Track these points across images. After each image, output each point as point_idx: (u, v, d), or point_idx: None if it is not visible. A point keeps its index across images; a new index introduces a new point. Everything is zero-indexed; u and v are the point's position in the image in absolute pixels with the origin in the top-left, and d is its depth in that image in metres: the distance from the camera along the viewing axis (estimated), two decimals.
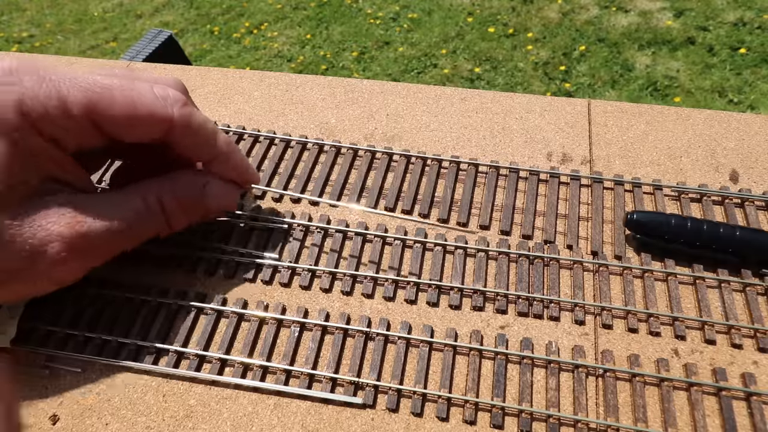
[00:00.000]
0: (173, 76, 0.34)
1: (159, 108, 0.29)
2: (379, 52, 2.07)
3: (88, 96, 0.27)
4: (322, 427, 0.31)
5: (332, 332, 0.35)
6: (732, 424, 0.30)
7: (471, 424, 0.31)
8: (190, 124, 0.31)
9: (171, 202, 0.33)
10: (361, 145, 0.45)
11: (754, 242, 0.35)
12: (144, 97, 0.29)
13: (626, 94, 1.71)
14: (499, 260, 0.37)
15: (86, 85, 0.28)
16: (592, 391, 0.32)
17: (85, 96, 0.27)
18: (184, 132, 0.31)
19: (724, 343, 0.34)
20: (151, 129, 0.30)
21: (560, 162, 0.44)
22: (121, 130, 0.29)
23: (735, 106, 1.61)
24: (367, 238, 0.39)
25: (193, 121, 0.31)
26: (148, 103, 0.29)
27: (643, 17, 1.97)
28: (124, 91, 0.29)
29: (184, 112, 0.30)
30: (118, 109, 0.28)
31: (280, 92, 0.51)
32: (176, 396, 0.33)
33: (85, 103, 0.27)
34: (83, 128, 0.28)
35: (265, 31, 2.31)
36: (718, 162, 0.43)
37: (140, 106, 0.29)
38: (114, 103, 0.28)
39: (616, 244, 0.38)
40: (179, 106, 0.30)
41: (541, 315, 0.35)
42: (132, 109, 0.29)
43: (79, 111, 0.27)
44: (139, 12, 2.60)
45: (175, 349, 0.34)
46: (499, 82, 1.85)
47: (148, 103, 0.29)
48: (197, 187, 0.34)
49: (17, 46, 2.47)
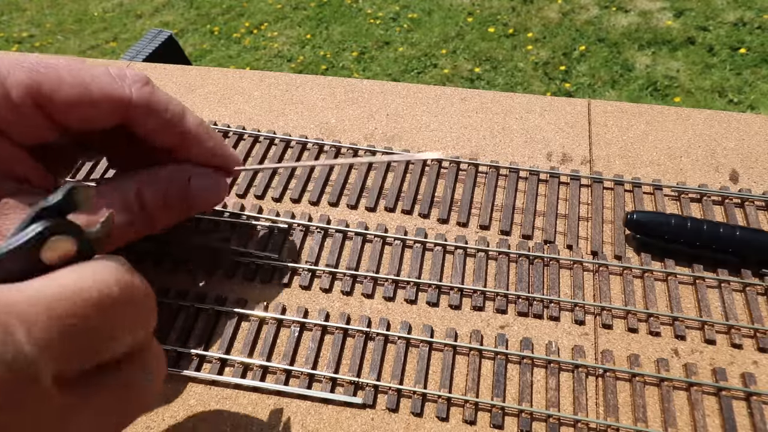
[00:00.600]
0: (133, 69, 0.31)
1: (115, 88, 0.26)
2: (379, 52, 2.07)
3: (31, 76, 0.24)
4: (322, 427, 0.32)
5: (332, 332, 0.35)
6: (732, 424, 0.30)
7: (471, 424, 0.31)
8: (150, 104, 0.28)
9: (152, 198, 0.30)
10: (361, 145, 0.45)
11: (754, 242, 0.35)
12: (97, 78, 0.26)
13: (626, 94, 1.71)
14: (499, 260, 0.37)
15: (29, 65, 0.24)
16: (592, 391, 0.32)
17: (28, 76, 0.24)
18: (145, 113, 0.28)
19: (724, 343, 0.34)
20: (107, 111, 0.27)
21: (560, 162, 0.44)
22: (72, 114, 0.26)
23: (735, 106, 1.61)
24: (367, 238, 0.39)
25: (153, 100, 0.28)
26: (101, 83, 0.26)
27: (643, 17, 1.97)
28: (73, 70, 0.25)
29: (144, 91, 0.28)
30: (67, 90, 0.25)
31: (280, 92, 0.51)
32: (176, 396, 0.33)
33: (28, 83, 0.24)
34: (28, 114, 0.25)
35: (265, 31, 2.31)
36: (718, 162, 0.43)
37: (93, 86, 0.26)
38: (62, 83, 0.25)
39: (616, 244, 0.38)
40: (139, 86, 0.28)
41: (541, 315, 0.35)
42: (83, 89, 0.25)
43: (20, 92, 0.24)
44: (139, 12, 2.60)
45: (174, 348, 0.34)
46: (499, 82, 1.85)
47: (102, 83, 0.26)
48: (181, 180, 0.31)
49: (17, 46, 2.47)
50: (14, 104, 0.24)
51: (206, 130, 0.32)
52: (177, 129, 0.30)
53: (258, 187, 0.43)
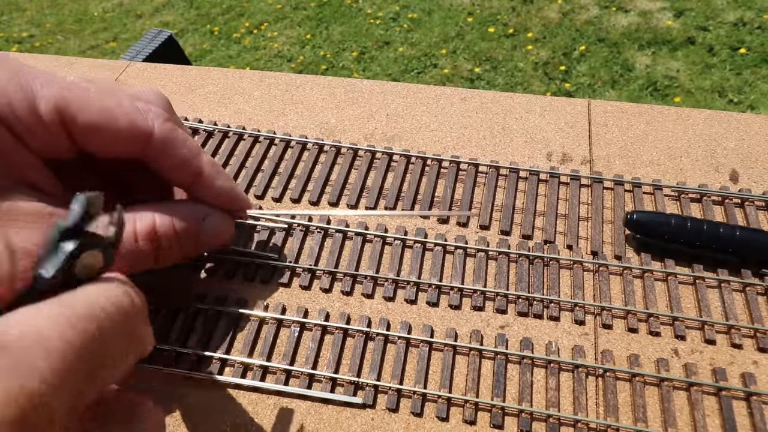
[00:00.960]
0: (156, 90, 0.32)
1: (138, 120, 0.27)
2: (379, 52, 2.07)
3: (62, 94, 0.25)
4: (322, 427, 0.32)
5: (332, 332, 0.35)
6: (732, 424, 0.30)
7: (471, 424, 0.31)
8: (170, 140, 0.28)
9: (165, 231, 0.29)
10: (361, 145, 0.45)
11: (754, 242, 0.36)
12: (123, 106, 0.27)
13: (626, 94, 1.71)
14: (499, 260, 0.37)
15: (62, 84, 0.25)
16: (592, 391, 0.32)
17: (59, 93, 0.25)
18: (164, 148, 0.28)
19: (724, 343, 0.34)
20: (127, 142, 0.27)
21: (560, 162, 0.44)
22: (94, 139, 0.27)
23: (735, 106, 1.61)
24: (367, 238, 0.39)
25: (174, 137, 0.29)
26: (126, 113, 0.27)
27: (643, 17, 1.97)
28: (102, 96, 0.26)
29: (165, 127, 0.28)
30: (93, 114, 0.26)
31: (280, 92, 0.51)
32: (176, 396, 0.33)
33: (57, 99, 0.25)
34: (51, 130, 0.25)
35: (265, 31, 2.31)
36: (718, 162, 0.43)
37: (118, 114, 0.26)
38: (90, 105, 0.26)
39: (616, 244, 0.38)
40: (161, 121, 0.28)
41: (541, 315, 0.35)
42: (108, 116, 0.26)
43: (49, 107, 0.25)
44: (139, 12, 2.60)
45: (174, 348, 0.34)
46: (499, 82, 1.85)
47: (127, 112, 0.27)
48: (196, 218, 0.31)
49: (17, 46, 2.47)
50: (40, 117, 0.25)
51: (219, 170, 0.32)
52: (192, 167, 0.30)
53: (258, 187, 0.43)
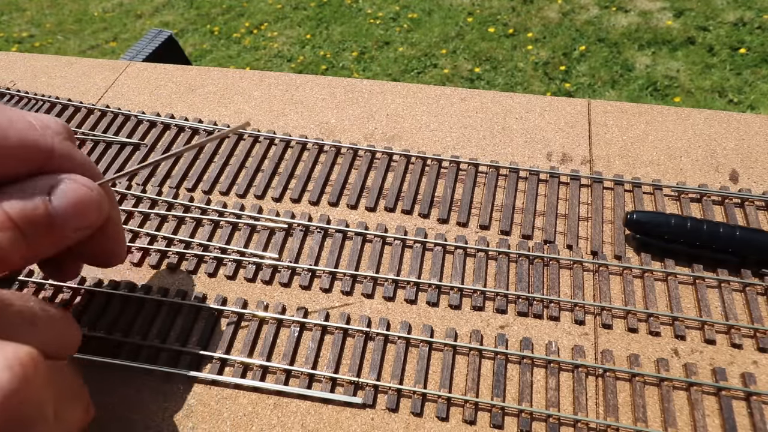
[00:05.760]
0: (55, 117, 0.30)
1: (36, 137, 0.25)
2: (379, 52, 2.07)
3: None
4: (322, 427, 0.31)
5: (332, 332, 0.35)
6: (732, 423, 0.30)
7: (471, 424, 0.31)
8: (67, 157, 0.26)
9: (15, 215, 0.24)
10: (361, 145, 0.45)
11: (754, 242, 0.35)
12: (17, 123, 0.25)
13: (626, 94, 1.71)
14: (499, 260, 0.37)
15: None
16: (592, 390, 0.32)
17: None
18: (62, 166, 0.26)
19: (724, 343, 0.34)
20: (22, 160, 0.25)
21: (560, 162, 0.44)
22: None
23: (735, 106, 1.61)
24: (367, 238, 0.39)
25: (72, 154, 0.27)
26: (20, 130, 0.24)
27: (643, 17, 1.97)
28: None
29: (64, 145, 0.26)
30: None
31: (280, 92, 0.51)
32: (176, 395, 0.33)
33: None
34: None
35: (265, 31, 2.31)
36: (718, 162, 0.43)
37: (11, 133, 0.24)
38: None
39: (616, 244, 0.38)
40: (60, 139, 0.26)
41: (541, 315, 0.35)
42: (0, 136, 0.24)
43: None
44: (139, 12, 2.60)
45: (174, 348, 0.34)
46: (499, 82, 1.84)
47: (21, 128, 0.25)
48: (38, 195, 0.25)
49: (17, 46, 2.47)
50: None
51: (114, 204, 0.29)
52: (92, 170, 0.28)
53: (258, 187, 0.43)
